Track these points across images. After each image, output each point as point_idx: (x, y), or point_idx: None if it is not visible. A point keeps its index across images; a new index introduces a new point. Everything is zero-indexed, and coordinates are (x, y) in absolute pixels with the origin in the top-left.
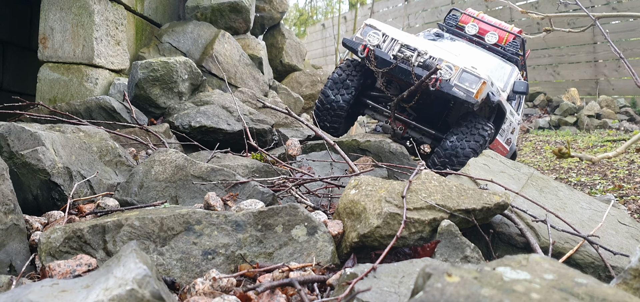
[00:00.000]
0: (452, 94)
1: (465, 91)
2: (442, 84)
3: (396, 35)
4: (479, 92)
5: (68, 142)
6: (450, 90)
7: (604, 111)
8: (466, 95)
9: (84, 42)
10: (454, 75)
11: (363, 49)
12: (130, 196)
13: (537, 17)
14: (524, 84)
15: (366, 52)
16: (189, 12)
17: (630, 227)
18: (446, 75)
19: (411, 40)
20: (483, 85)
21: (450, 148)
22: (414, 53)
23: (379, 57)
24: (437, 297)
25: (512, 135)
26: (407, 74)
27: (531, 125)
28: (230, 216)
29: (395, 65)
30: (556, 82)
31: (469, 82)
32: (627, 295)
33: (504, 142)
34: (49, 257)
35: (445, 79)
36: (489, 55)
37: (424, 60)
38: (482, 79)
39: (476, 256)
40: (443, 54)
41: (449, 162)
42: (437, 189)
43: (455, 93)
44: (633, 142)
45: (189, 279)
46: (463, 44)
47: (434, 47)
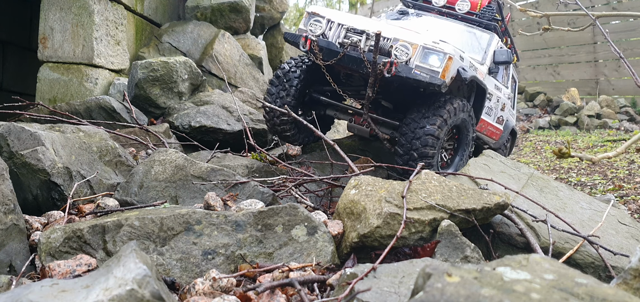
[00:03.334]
0: (413, 78)
1: (428, 72)
2: (399, 68)
3: (343, 19)
4: (446, 69)
5: (68, 142)
6: (410, 74)
7: (604, 111)
8: (430, 78)
9: (83, 42)
10: (415, 55)
11: (304, 41)
12: (130, 196)
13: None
14: (505, 52)
15: (308, 45)
16: (189, 12)
17: (631, 227)
18: (403, 57)
19: (360, 22)
20: (449, 61)
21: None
22: (362, 36)
23: (325, 48)
24: (437, 297)
25: (504, 112)
26: (358, 62)
27: (531, 125)
28: (230, 216)
29: (343, 53)
30: (556, 82)
31: (432, 61)
32: (627, 295)
33: (493, 121)
34: (48, 257)
35: (402, 61)
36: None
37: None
38: (447, 53)
39: (476, 256)
40: (399, 33)
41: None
42: (437, 189)
43: (417, 76)
44: (633, 142)
45: (189, 279)
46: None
47: (389, 27)
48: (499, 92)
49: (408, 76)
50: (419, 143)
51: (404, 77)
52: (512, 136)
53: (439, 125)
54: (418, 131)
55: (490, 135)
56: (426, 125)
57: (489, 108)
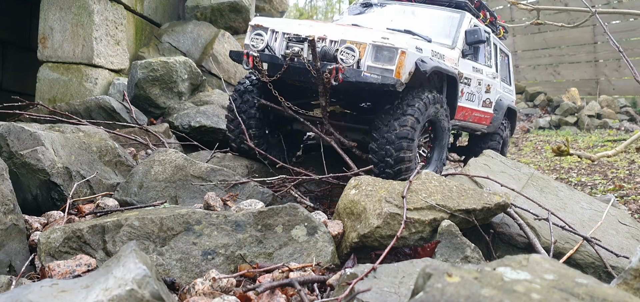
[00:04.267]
0: (364, 82)
1: (380, 72)
2: (347, 73)
3: (286, 27)
4: (400, 66)
5: (68, 142)
6: (360, 78)
7: (604, 111)
8: (382, 78)
9: (83, 42)
10: (365, 56)
11: (246, 59)
12: (130, 196)
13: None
14: (476, 30)
15: (251, 62)
16: (189, 12)
17: (631, 228)
18: (349, 60)
19: (304, 27)
20: (403, 56)
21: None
22: (304, 44)
23: (270, 62)
24: (437, 298)
25: (490, 93)
26: (304, 73)
27: (531, 125)
28: (230, 216)
29: (287, 66)
30: (556, 82)
31: (384, 59)
32: (627, 295)
33: (478, 106)
34: (48, 257)
35: (349, 65)
36: (428, 10)
37: (320, 49)
38: (398, 48)
39: (476, 256)
40: (346, 33)
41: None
42: (437, 189)
43: (367, 79)
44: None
45: (188, 279)
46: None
47: (336, 28)
48: (480, 74)
49: (358, 81)
50: (393, 148)
51: (353, 82)
52: (510, 116)
53: (412, 125)
54: (390, 136)
55: (477, 121)
56: (397, 128)
57: (470, 93)
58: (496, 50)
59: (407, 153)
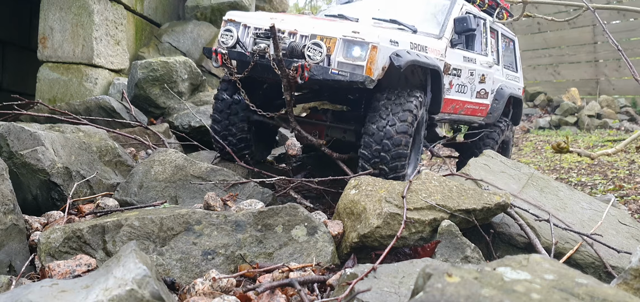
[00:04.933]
0: (332, 80)
1: (349, 70)
2: (314, 70)
3: (257, 22)
4: (371, 62)
5: (67, 142)
6: (327, 75)
7: (604, 111)
8: (350, 75)
9: (83, 42)
10: (336, 50)
11: (215, 56)
12: (130, 196)
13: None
14: (465, 18)
15: (220, 60)
16: (189, 12)
17: (631, 228)
18: (316, 57)
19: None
20: (374, 51)
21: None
22: (269, 41)
23: (238, 60)
24: (437, 298)
25: (485, 84)
26: (271, 70)
27: (531, 125)
28: (230, 216)
29: (254, 63)
30: (556, 82)
31: (354, 54)
32: (627, 295)
33: (471, 98)
34: (48, 257)
35: (316, 61)
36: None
37: (288, 45)
38: (369, 43)
39: (476, 256)
40: (316, 27)
41: (381, 160)
42: (437, 189)
43: (335, 76)
44: (633, 139)
45: (188, 279)
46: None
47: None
48: (472, 63)
49: (325, 78)
50: (391, 144)
51: (320, 79)
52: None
53: (411, 122)
54: (388, 130)
55: (471, 113)
56: (397, 123)
57: (460, 85)
58: (497, 36)
59: (404, 150)
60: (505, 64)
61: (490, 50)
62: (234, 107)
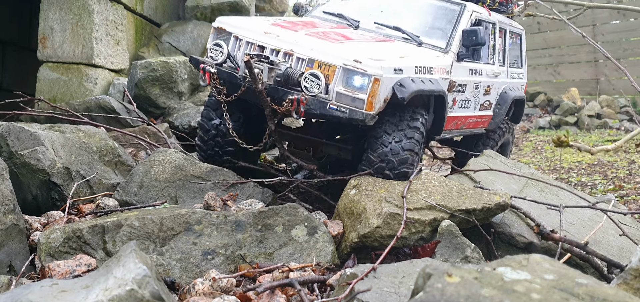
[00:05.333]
0: (330, 115)
1: (348, 104)
2: (310, 104)
3: (250, 34)
4: (373, 95)
5: (67, 142)
6: (325, 111)
7: (604, 111)
8: (350, 113)
9: (83, 42)
10: (336, 79)
11: (203, 74)
12: (130, 196)
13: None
14: (475, 31)
15: (208, 79)
16: (189, 12)
17: (631, 227)
18: (314, 89)
19: (271, 38)
20: (376, 85)
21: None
22: (263, 64)
23: (229, 81)
24: (437, 298)
25: (489, 95)
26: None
27: (531, 125)
28: (230, 216)
29: (245, 87)
30: (556, 82)
31: (355, 86)
32: (627, 295)
33: (474, 112)
34: (48, 257)
35: (313, 94)
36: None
37: (283, 71)
38: (371, 75)
39: (476, 256)
40: (316, 49)
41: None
42: (437, 189)
43: (333, 113)
44: (633, 136)
45: (188, 279)
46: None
47: (305, 41)
48: (479, 75)
49: (322, 113)
50: (397, 161)
51: (317, 113)
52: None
53: (418, 139)
54: (395, 147)
55: (473, 126)
56: (404, 140)
57: (464, 100)
58: (504, 34)
59: (410, 168)
60: (510, 62)
61: (498, 55)
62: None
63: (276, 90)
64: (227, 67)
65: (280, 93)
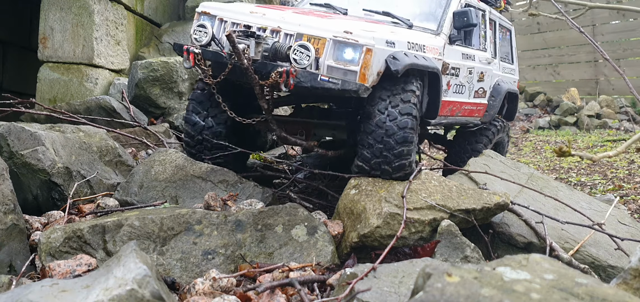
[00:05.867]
0: (321, 88)
1: (341, 76)
2: (301, 76)
3: (235, 15)
4: (365, 66)
5: (68, 142)
6: (316, 83)
7: (604, 111)
8: (342, 84)
9: (84, 42)
10: (326, 52)
11: (186, 55)
12: (130, 195)
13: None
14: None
15: (192, 60)
16: (189, 12)
17: (631, 227)
18: (304, 61)
19: (257, 17)
20: (368, 55)
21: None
22: (249, 40)
23: (214, 60)
24: (437, 297)
25: (483, 82)
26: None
27: (531, 125)
28: (230, 215)
29: (232, 65)
30: (556, 82)
31: (346, 58)
32: (627, 295)
33: (469, 98)
34: (49, 257)
35: (303, 66)
36: None
37: (271, 46)
38: (363, 45)
39: (476, 256)
40: (304, 24)
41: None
42: (437, 189)
43: (325, 84)
44: (633, 141)
45: (189, 279)
46: None
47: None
48: (472, 61)
49: (313, 86)
50: (393, 141)
51: (307, 87)
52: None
53: (414, 115)
54: (390, 126)
55: (468, 114)
56: (398, 116)
57: (459, 85)
58: (495, 27)
59: (409, 146)
60: (501, 56)
61: (489, 44)
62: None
63: (264, 66)
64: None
65: (268, 68)
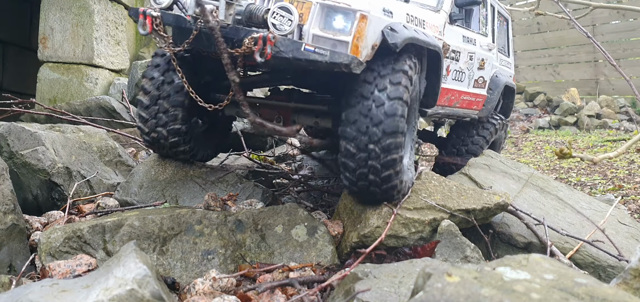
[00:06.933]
0: (305, 59)
1: (330, 47)
2: (280, 44)
3: None
4: (358, 37)
5: (68, 142)
6: (299, 54)
7: (604, 111)
8: (331, 56)
9: (84, 42)
10: (311, 19)
11: (143, 20)
12: (130, 195)
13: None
14: None
15: (149, 24)
16: None
17: (630, 227)
18: (285, 26)
19: None
20: (363, 23)
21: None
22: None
23: (176, 26)
24: (437, 297)
25: (483, 70)
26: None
27: (531, 125)
28: (230, 215)
29: (198, 32)
30: (556, 82)
31: (336, 26)
32: (627, 295)
33: (468, 87)
34: (49, 257)
35: (284, 32)
36: None
37: (245, 7)
38: (357, 11)
39: (476, 256)
40: None
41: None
42: (437, 189)
43: (310, 56)
44: (634, 142)
45: (189, 279)
46: None
47: None
48: (472, 45)
49: (296, 57)
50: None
51: (289, 58)
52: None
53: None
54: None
55: (467, 106)
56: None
57: (458, 71)
58: (493, 12)
59: (398, 153)
60: (498, 48)
61: (490, 29)
62: (165, 87)
63: (236, 31)
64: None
65: (241, 34)
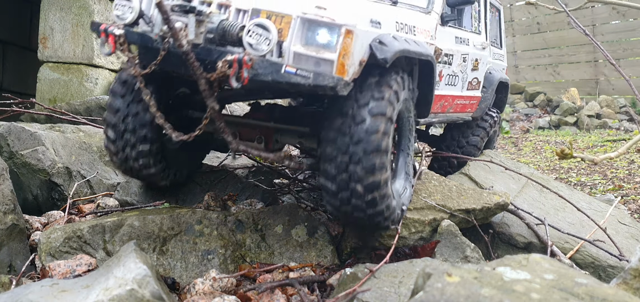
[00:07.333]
0: (286, 82)
1: (311, 67)
2: (258, 66)
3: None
4: (344, 54)
5: (68, 142)
6: (279, 77)
7: (604, 111)
8: (314, 79)
9: (84, 42)
10: (292, 35)
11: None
12: (130, 195)
13: None
14: None
15: (113, 44)
16: None
17: (630, 227)
18: (262, 46)
19: None
20: (348, 39)
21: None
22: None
23: (141, 44)
24: (437, 297)
25: (477, 71)
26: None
27: (531, 125)
28: (230, 215)
29: (165, 52)
30: (556, 82)
31: (319, 43)
32: (627, 295)
33: (462, 91)
34: (49, 257)
35: (262, 52)
36: None
37: (217, 25)
38: (342, 26)
39: (476, 256)
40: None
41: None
42: (437, 189)
43: (291, 80)
44: (634, 142)
45: (189, 279)
46: None
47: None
48: (465, 45)
49: (276, 80)
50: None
51: (268, 81)
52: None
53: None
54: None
55: (461, 110)
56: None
57: (451, 75)
58: (486, 5)
59: (382, 174)
60: (491, 40)
61: (483, 25)
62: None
63: (208, 52)
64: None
65: (214, 55)
